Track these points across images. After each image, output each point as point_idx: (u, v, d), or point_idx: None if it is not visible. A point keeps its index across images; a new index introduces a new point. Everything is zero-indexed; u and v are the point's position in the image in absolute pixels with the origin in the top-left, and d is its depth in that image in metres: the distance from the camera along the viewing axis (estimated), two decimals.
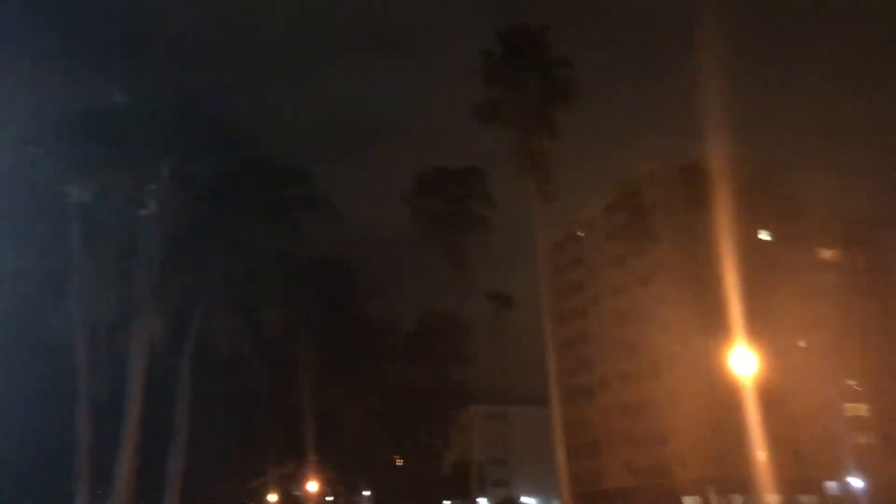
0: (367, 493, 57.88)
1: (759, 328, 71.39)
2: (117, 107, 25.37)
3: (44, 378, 27.56)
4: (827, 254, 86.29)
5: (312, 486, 55.08)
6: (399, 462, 43.70)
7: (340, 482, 51.49)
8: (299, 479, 49.75)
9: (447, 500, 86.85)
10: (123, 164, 24.25)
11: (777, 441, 69.07)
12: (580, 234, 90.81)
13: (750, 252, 76.64)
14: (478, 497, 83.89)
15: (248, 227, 26.99)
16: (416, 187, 42.78)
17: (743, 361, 25.86)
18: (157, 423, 26.58)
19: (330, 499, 56.27)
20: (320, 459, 41.38)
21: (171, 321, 26.43)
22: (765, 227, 78.34)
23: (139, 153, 24.42)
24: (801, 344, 78.39)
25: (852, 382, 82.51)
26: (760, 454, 66.87)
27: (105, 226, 24.50)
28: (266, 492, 49.58)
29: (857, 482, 74.30)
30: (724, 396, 69.06)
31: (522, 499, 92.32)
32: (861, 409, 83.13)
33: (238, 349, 27.73)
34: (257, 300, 27.98)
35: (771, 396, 66.44)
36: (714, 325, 73.30)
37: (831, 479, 75.95)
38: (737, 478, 66.40)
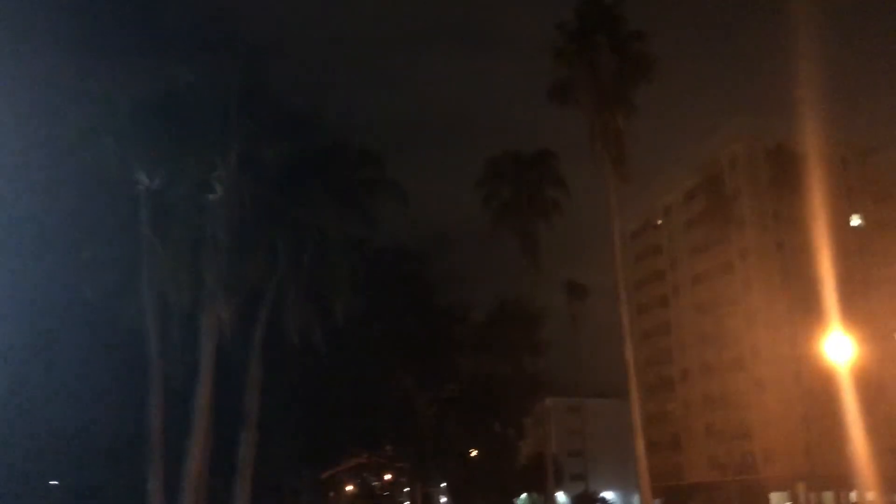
0: (444, 484, 57.46)
1: (852, 316, 67.92)
2: (186, 91, 25.00)
3: (119, 365, 27.60)
4: None
5: (388, 476, 54.91)
6: (473, 453, 42.91)
7: (416, 473, 51.03)
8: (375, 470, 49.54)
9: (524, 493, 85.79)
10: (191, 149, 23.87)
11: (872, 435, 65.73)
12: (659, 221, 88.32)
13: (841, 237, 73.04)
14: (555, 491, 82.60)
15: (318, 212, 26.26)
16: (487, 173, 41.77)
17: (838, 348, 24.22)
18: (229, 410, 26.24)
19: (407, 489, 55.94)
20: (395, 450, 40.89)
21: (240, 308, 26.04)
22: (857, 211, 74.53)
23: (206, 138, 23.98)
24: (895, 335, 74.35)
25: None
26: (855, 448, 63.79)
27: (174, 212, 24.16)
28: (341, 482, 49.49)
29: None
30: (815, 388, 66.13)
31: (601, 493, 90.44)
32: None
33: (308, 337, 27.12)
34: (327, 288, 27.26)
35: (864, 388, 63.20)
36: (802, 313, 70.15)
37: None
38: (828, 474, 63.50)
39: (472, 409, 37.26)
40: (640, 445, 30.85)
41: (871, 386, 69.50)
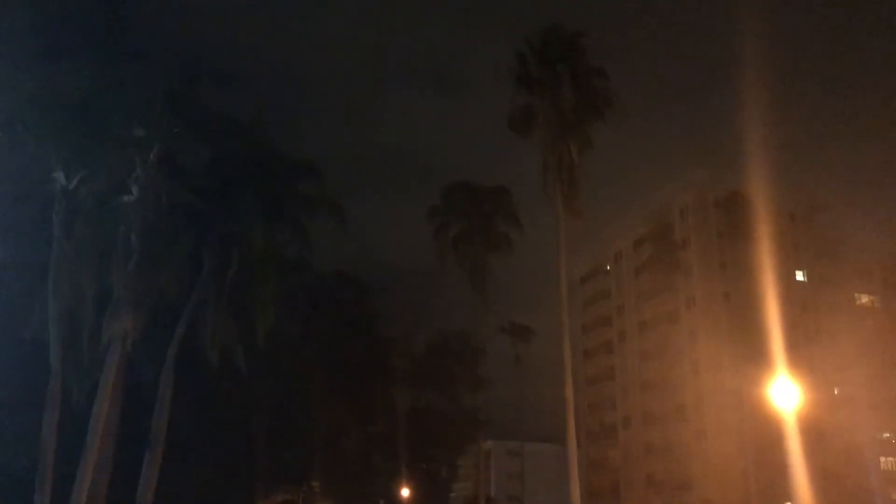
0: None
1: (794, 369, 67.40)
2: (111, 90, 22.92)
3: (20, 377, 24.97)
4: (864, 299, 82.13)
5: None
6: (406, 491, 40.48)
7: None
8: None
9: None
10: (110, 147, 21.78)
11: (805, 493, 64.73)
12: (608, 267, 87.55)
13: (786, 290, 72.90)
14: None
15: (246, 225, 24.22)
16: (439, 203, 40.18)
17: (784, 394, 22.99)
18: (138, 433, 23.81)
19: None
20: (323, 486, 38.26)
21: (154, 322, 23.76)
22: (802, 266, 74.56)
23: (127, 136, 21.94)
24: (835, 391, 74.03)
25: (888, 435, 78.09)
26: (798, 500, 62.49)
27: (87, 213, 21.93)
28: None
29: None
30: (757, 439, 65.12)
31: None
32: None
33: (229, 358, 24.86)
34: (252, 306, 25.12)
35: (806, 438, 62.21)
36: (746, 363, 69.40)
37: None
38: None
39: (406, 446, 34.94)
40: (576, 491, 28.93)
41: (812, 436, 68.79)
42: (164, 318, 24.67)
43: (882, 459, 75.83)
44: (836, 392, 71.87)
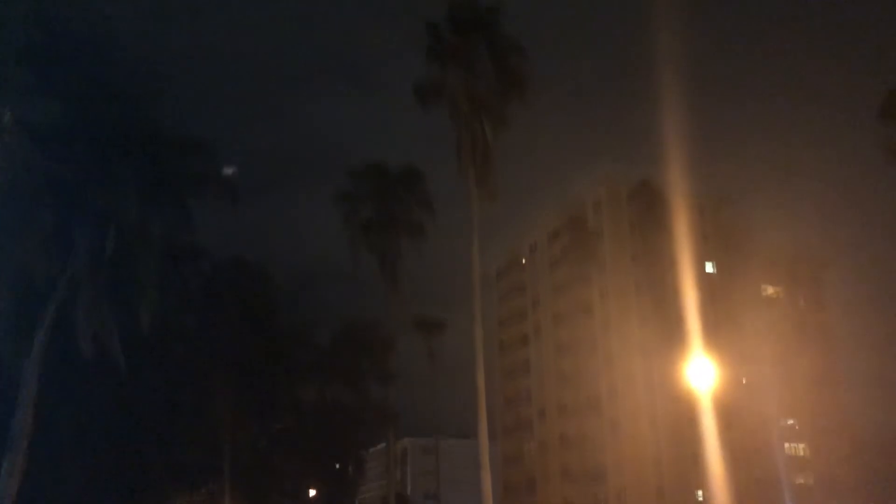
0: None
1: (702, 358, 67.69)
2: None
3: None
4: (770, 290, 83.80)
5: None
6: (312, 493, 38.12)
7: None
8: None
9: None
10: None
11: (717, 480, 65.14)
12: (523, 261, 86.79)
13: (695, 282, 73.38)
14: None
15: (122, 201, 21.51)
16: (348, 187, 37.96)
17: (701, 373, 22.09)
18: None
19: None
20: (221, 489, 35.42)
21: (17, 307, 20.91)
22: (710, 259, 75.25)
23: None
24: (743, 381, 74.78)
25: (792, 421, 79.78)
26: (711, 483, 62.74)
27: None
28: None
29: None
30: (667, 430, 65.15)
31: None
32: (800, 450, 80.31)
33: (105, 349, 22.10)
34: (131, 291, 22.42)
35: (714, 430, 62.44)
36: (657, 354, 69.61)
37: None
38: None
39: (311, 443, 32.55)
40: (487, 483, 27.33)
41: (722, 423, 69.40)
42: (32, 305, 21.78)
43: (787, 445, 77.41)
44: (743, 381, 72.61)
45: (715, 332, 71.35)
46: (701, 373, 20.78)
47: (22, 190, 19.07)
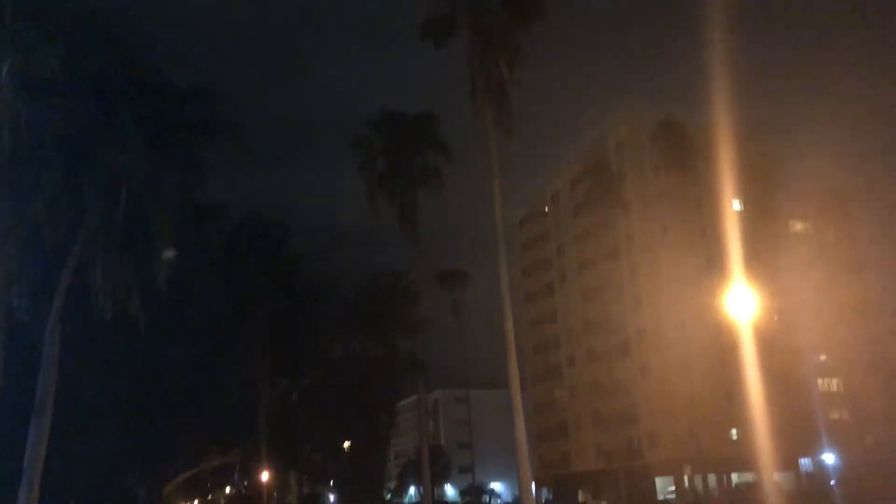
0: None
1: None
2: None
3: None
4: (799, 226, 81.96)
5: (264, 477, 48.85)
6: (346, 445, 37.92)
7: (290, 473, 45.54)
8: (246, 470, 43.51)
9: (412, 486, 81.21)
10: None
11: (752, 418, 64.28)
12: (546, 209, 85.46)
13: (722, 221, 71.77)
14: (443, 483, 78.44)
15: (128, 153, 20.68)
16: (363, 135, 36.80)
17: (741, 303, 21.04)
18: (23, 402, 20.47)
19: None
20: (257, 446, 35.24)
21: (35, 269, 20.35)
22: (739, 197, 73.40)
23: None
24: (774, 317, 73.34)
25: (824, 357, 78.54)
26: (752, 422, 61.84)
27: None
28: (205, 487, 43.16)
29: (829, 459, 70.44)
30: (698, 372, 64.26)
31: (489, 485, 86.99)
32: (833, 385, 79.25)
33: (124, 308, 21.51)
34: (147, 245, 21.74)
35: (747, 368, 61.28)
36: (685, 296, 68.45)
37: (806, 455, 71.79)
38: (712, 456, 61.78)
39: (339, 396, 32.11)
40: (521, 434, 26.66)
41: (755, 359, 68.43)
42: (49, 266, 21.22)
43: (820, 381, 76.39)
44: (774, 318, 71.24)
45: (746, 268, 69.97)
46: (741, 301, 19.70)
47: (26, 148, 18.28)
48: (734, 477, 66.84)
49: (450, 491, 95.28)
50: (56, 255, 21.04)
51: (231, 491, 54.46)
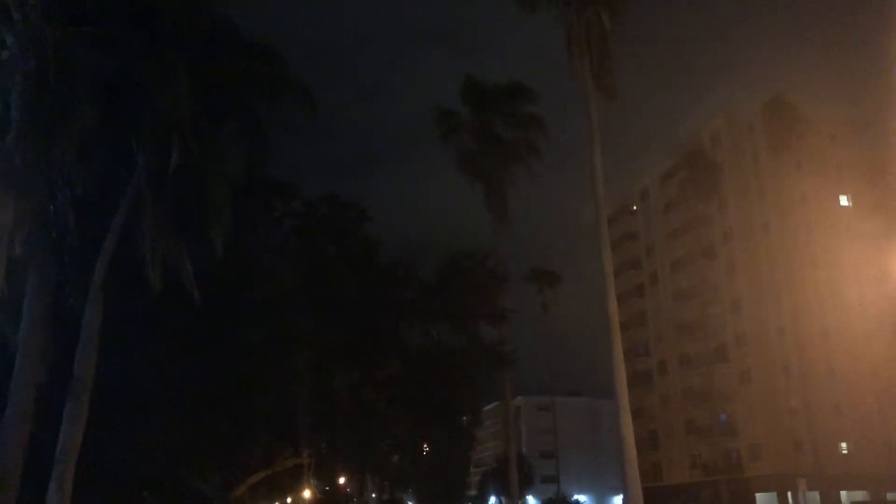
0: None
1: (834, 305, 60.09)
2: None
3: None
4: None
5: (341, 480, 45.92)
6: (426, 447, 34.57)
7: (366, 475, 42.48)
8: (323, 472, 40.49)
9: (493, 496, 77.19)
10: None
11: (866, 431, 57.71)
12: (635, 207, 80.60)
13: (828, 218, 65.75)
14: (525, 494, 74.10)
15: (184, 106, 17.78)
16: (444, 111, 33.59)
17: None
18: (60, 382, 17.77)
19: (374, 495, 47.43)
20: (332, 447, 32.12)
21: (80, 235, 17.70)
22: (845, 192, 67.14)
23: None
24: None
25: None
26: (844, 445, 55.48)
27: None
28: (279, 489, 40.37)
29: None
30: (804, 380, 58.25)
31: (574, 496, 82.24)
32: None
33: (176, 278, 18.64)
34: (208, 215, 18.82)
35: (855, 382, 54.93)
36: (790, 297, 62.51)
37: None
38: (821, 472, 55.83)
39: (417, 390, 28.72)
40: (630, 445, 22.92)
41: (859, 380, 62.18)
42: (92, 231, 18.53)
43: None
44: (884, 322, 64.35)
45: (855, 267, 63.75)
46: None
47: (61, 89, 15.52)
48: (842, 495, 60.41)
49: (532, 502, 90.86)
50: (98, 216, 18.34)
51: (309, 495, 51.84)
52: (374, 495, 48.88)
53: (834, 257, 63.71)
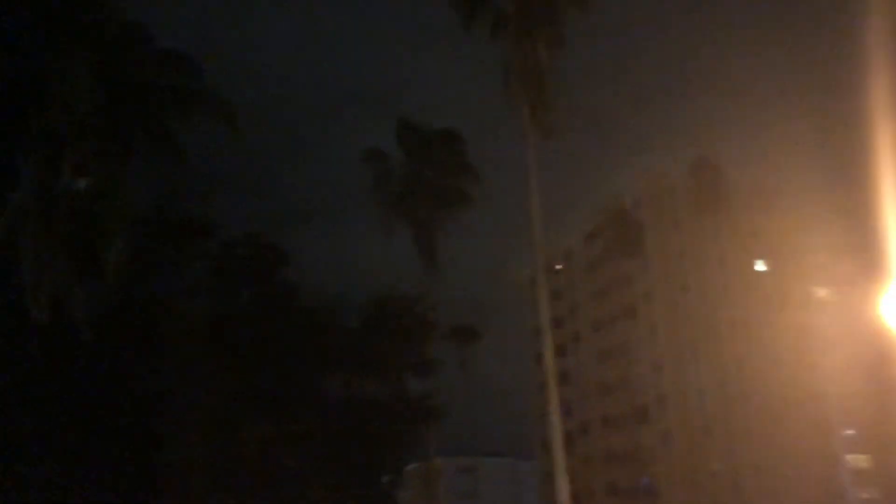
0: None
1: (753, 367, 60.36)
2: None
3: None
4: (823, 292, 76.10)
5: None
6: None
7: None
8: None
9: None
10: None
11: (789, 492, 57.48)
12: (558, 267, 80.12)
13: (745, 281, 66.59)
14: None
15: (81, 115, 15.62)
16: (385, 146, 32.08)
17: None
18: None
19: None
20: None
21: None
22: (762, 256, 68.22)
23: None
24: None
25: (851, 431, 71.85)
26: None
27: None
28: None
29: None
30: (724, 441, 57.82)
31: None
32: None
33: (67, 313, 16.14)
34: (96, 234, 16.48)
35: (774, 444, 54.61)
36: (710, 358, 62.59)
37: None
38: None
39: (338, 450, 26.20)
40: (565, 488, 21.16)
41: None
42: None
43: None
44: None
45: (769, 330, 64.40)
46: None
47: None
48: None
49: None
50: None
51: None
52: None
53: (751, 320, 64.27)
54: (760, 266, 67.91)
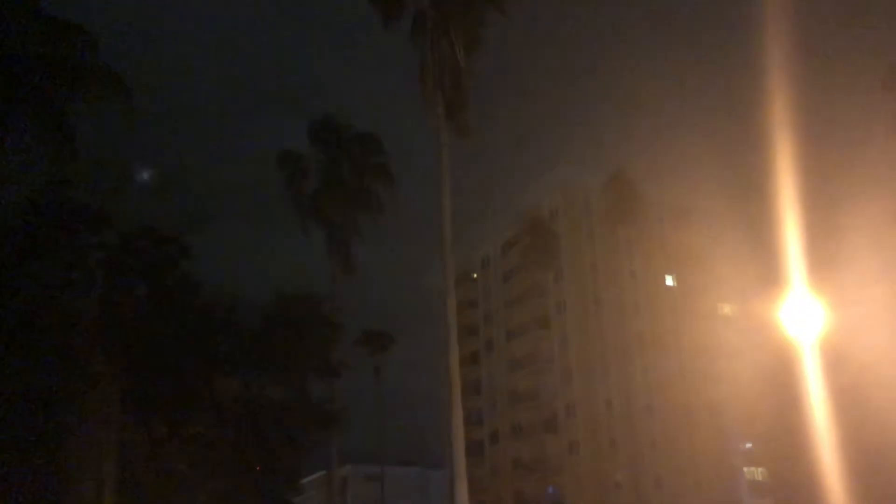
0: None
1: (658, 381, 61.63)
2: None
3: None
4: (727, 308, 78.57)
5: None
6: None
7: None
8: None
9: None
10: None
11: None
12: (475, 275, 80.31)
13: (655, 296, 68.00)
14: None
15: None
16: (299, 147, 31.10)
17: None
18: None
19: None
20: None
21: None
22: (671, 271, 69.91)
23: None
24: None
25: (749, 445, 74.26)
26: None
27: None
28: None
29: None
30: (630, 452, 58.68)
31: None
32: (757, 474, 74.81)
33: None
34: None
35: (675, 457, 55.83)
36: (619, 370, 63.56)
37: None
38: None
39: (232, 454, 24.98)
40: (463, 495, 20.81)
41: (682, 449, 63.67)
42: None
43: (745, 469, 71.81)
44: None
45: (677, 342, 65.94)
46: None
47: None
48: None
49: None
50: None
51: None
52: None
53: (659, 332, 65.67)
54: (670, 280, 69.54)
